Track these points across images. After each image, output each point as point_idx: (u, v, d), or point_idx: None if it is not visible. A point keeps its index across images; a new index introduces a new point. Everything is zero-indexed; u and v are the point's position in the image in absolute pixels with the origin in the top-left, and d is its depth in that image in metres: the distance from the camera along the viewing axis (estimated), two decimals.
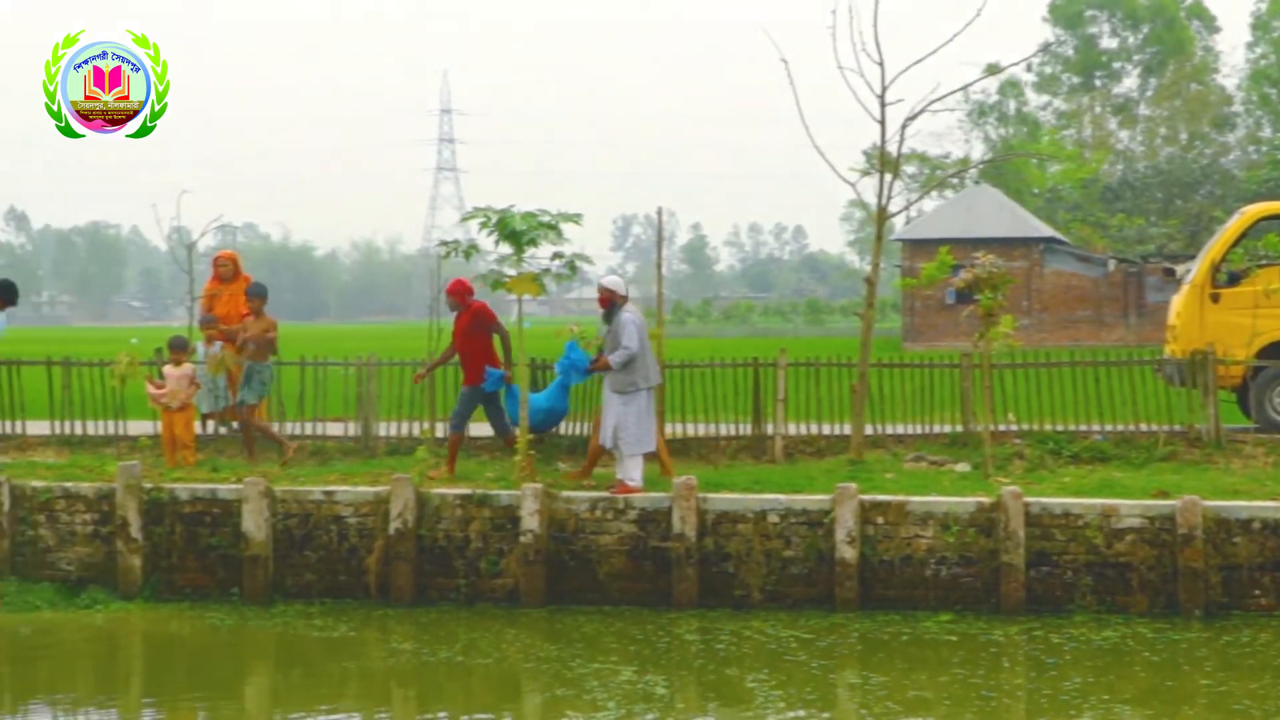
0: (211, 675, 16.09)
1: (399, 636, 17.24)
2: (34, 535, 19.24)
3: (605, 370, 19.07)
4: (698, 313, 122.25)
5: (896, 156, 22.79)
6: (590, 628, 17.48)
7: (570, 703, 14.64)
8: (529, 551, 18.37)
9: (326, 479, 19.70)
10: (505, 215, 19.43)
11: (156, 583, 18.91)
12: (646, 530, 18.45)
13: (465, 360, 20.27)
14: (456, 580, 18.65)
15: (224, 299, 21.72)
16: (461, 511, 18.71)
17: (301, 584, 18.85)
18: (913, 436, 22.51)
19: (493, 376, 20.05)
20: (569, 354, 20.15)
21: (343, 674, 15.89)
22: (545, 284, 19.81)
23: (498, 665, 16.03)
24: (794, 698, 14.72)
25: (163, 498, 19.03)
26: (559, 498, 18.65)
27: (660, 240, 23.61)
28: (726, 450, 22.08)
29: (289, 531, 18.86)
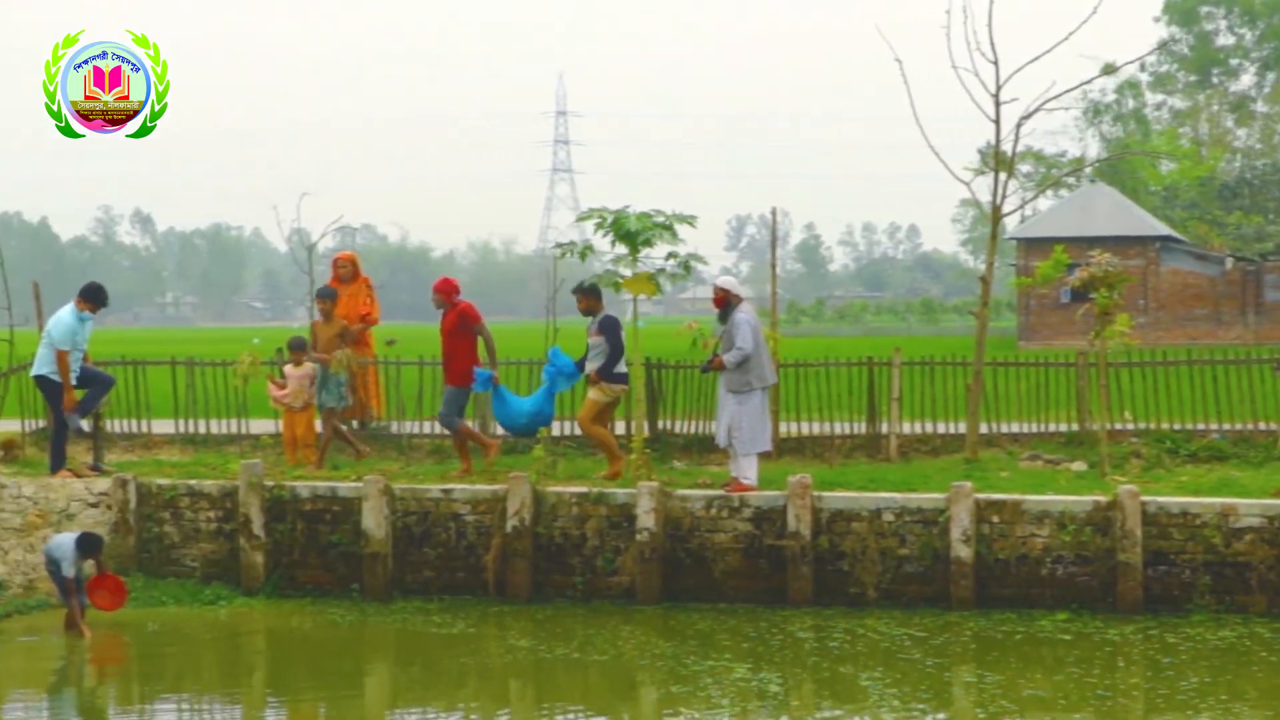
0: (332, 670, 16.22)
1: (516, 633, 17.31)
2: (159, 532, 19.50)
3: (720, 370, 19.04)
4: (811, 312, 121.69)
5: (1011, 155, 22.60)
6: (704, 625, 17.47)
7: (685, 700, 14.63)
8: (645, 549, 18.39)
9: (445, 477, 19.82)
10: (620, 216, 19.48)
11: (278, 579, 19.11)
12: (762, 528, 18.43)
13: (449, 359, 20.38)
14: (573, 578, 18.70)
15: (343, 299, 21.90)
16: (578, 510, 18.76)
17: (420, 581, 18.98)
18: (1028, 435, 22.32)
19: (481, 377, 20.16)
20: (554, 360, 20.28)
21: (461, 670, 15.97)
22: (660, 284, 19.84)
23: (614, 662, 16.05)
24: (908, 696, 14.64)
25: (284, 495, 19.23)
26: (675, 496, 18.65)
27: (774, 240, 23.56)
28: (841, 449, 22.01)
29: (408, 529, 19.00)
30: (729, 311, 19.09)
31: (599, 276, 20.11)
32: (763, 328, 19.54)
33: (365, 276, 22.41)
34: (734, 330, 18.89)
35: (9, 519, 19.11)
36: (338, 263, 22.20)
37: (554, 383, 20.25)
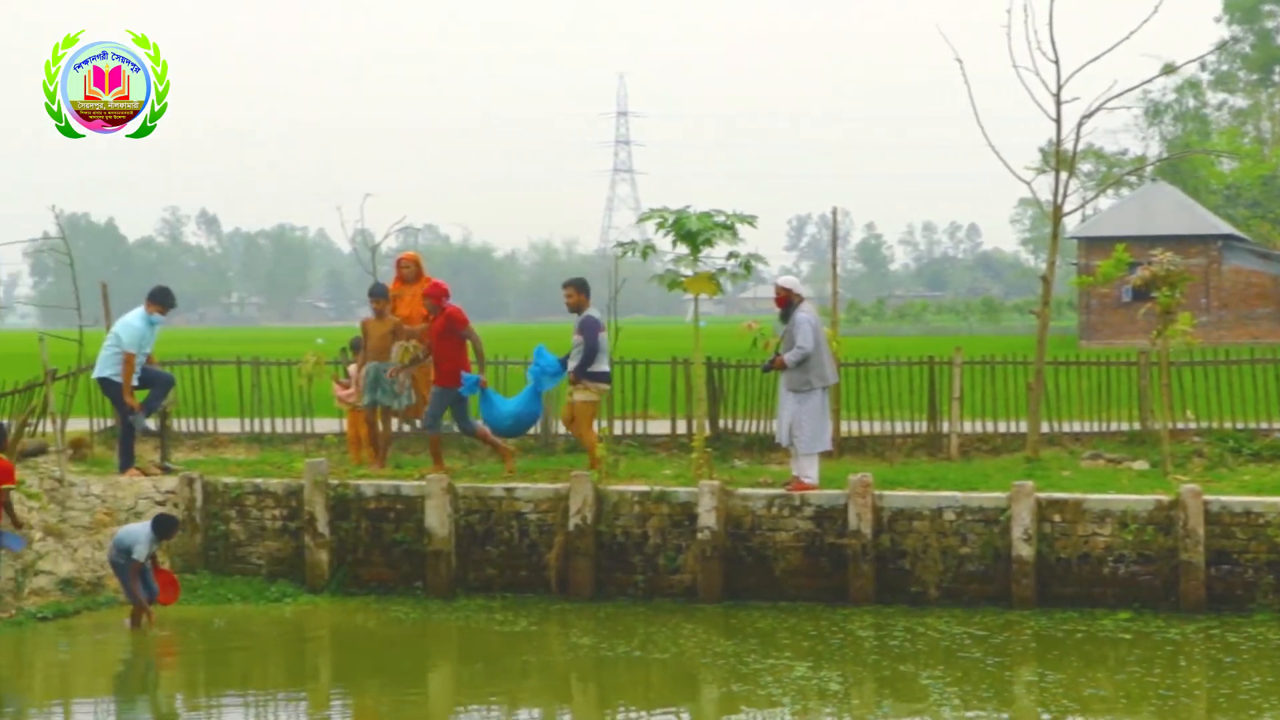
0: (396, 667, 16.28)
1: (578, 631, 17.33)
2: (225, 530, 19.62)
3: (781, 369, 19.02)
4: (872, 312, 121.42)
5: (1072, 154, 22.49)
6: (764, 623, 17.46)
7: (745, 698, 14.62)
8: (706, 548, 18.38)
9: (507, 476, 19.87)
10: (681, 216, 19.48)
11: (343, 577, 19.20)
12: (823, 527, 18.39)
13: (438, 362, 20.35)
14: (635, 576, 18.72)
15: (406, 300, 21.97)
16: (640, 508, 18.77)
17: (483, 579, 19.03)
18: (1089, 434, 22.22)
19: (468, 381, 20.08)
20: (538, 359, 20.27)
21: (523, 667, 16.00)
22: (721, 283, 19.84)
23: (675, 660, 16.05)
24: (969, 695, 14.58)
25: (349, 494, 19.31)
26: (736, 494, 18.65)
27: (834, 240, 23.56)
28: (902, 448, 21.96)
29: (471, 527, 19.05)
30: (791, 311, 19.06)
31: (659, 276, 20.11)
32: (824, 327, 19.51)
33: (429, 277, 22.48)
34: (795, 329, 18.86)
35: (78, 517, 19.26)
36: (401, 263, 22.29)
37: (539, 381, 20.27)
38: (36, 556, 18.67)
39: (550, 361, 20.08)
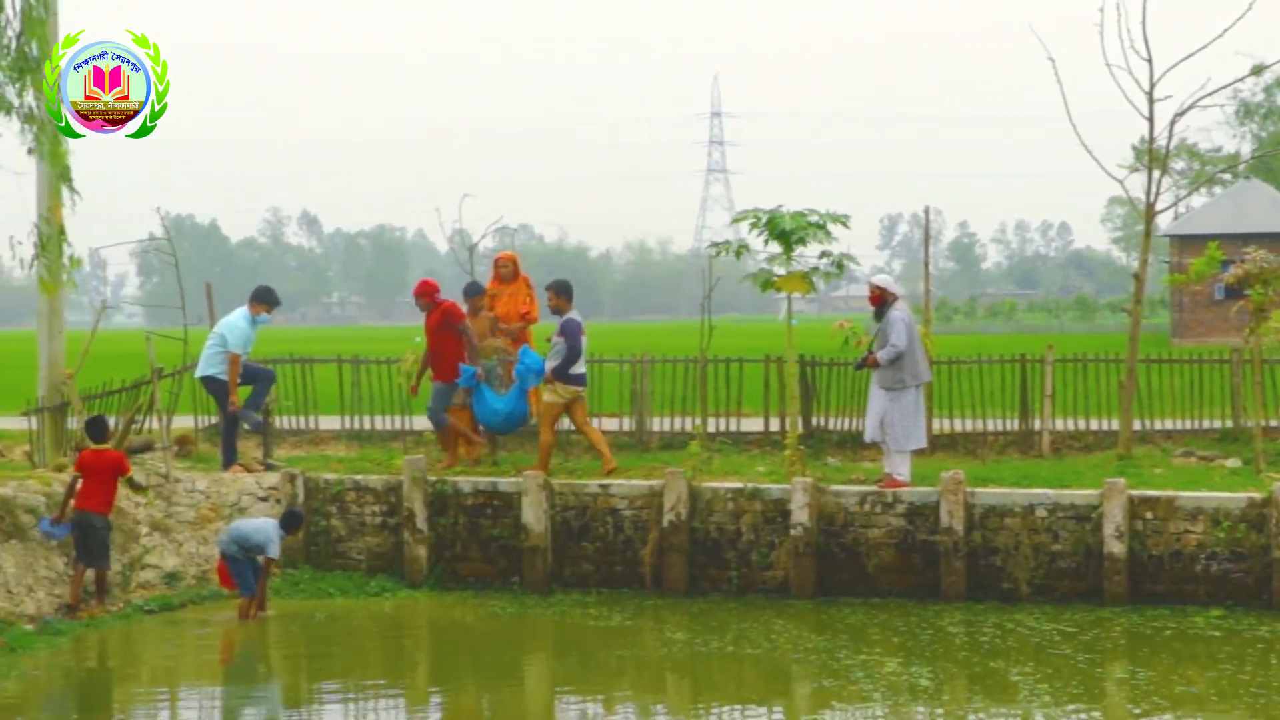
0: (493, 661, 16.36)
1: (672, 626, 17.35)
2: (326, 526, 19.79)
3: (874, 367, 18.98)
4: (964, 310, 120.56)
5: (1165, 152, 22.29)
6: (855, 619, 17.43)
7: (837, 693, 14.59)
8: (799, 544, 18.37)
9: (601, 473, 19.92)
10: (775, 215, 19.49)
11: (441, 572, 19.32)
12: (915, 524, 18.34)
13: (436, 358, 20.59)
14: (728, 572, 18.73)
15: (503, 299, 22.10)
16: (733, 505, 18.78)
17: (579, 574, 19.10)
18: (1181, 432, 22.01)
19: (466, 373, 20.27)
20: (524, 359, 20.35)
21: (618, 662, 16.04)
22: (813, 282, 19.83)
23: (767, 655, 16.04)
24: (1060, 691, 14.49)
25: (446, 490, 19.44)
26: (828, 491, 18.62)
27: (927, 238, 23.46)
28: (994, 445, 21.83)
29: (567, 523, 19.12)
30: (884, 309, 19.02)
31: (753, 275, 20.11)
32: (917, 325, 19.45)
33: (525, 276, 22.57)
34: (888, 327, 18.83)
35: (183, 513, 19.48)
36: (498, 263, 22.39)
37: (525, 380, 20.34)
38: (143, 551, 18.91)
39: (535, 360, 20.26)
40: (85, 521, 17.34)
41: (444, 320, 20.45)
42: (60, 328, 21.77)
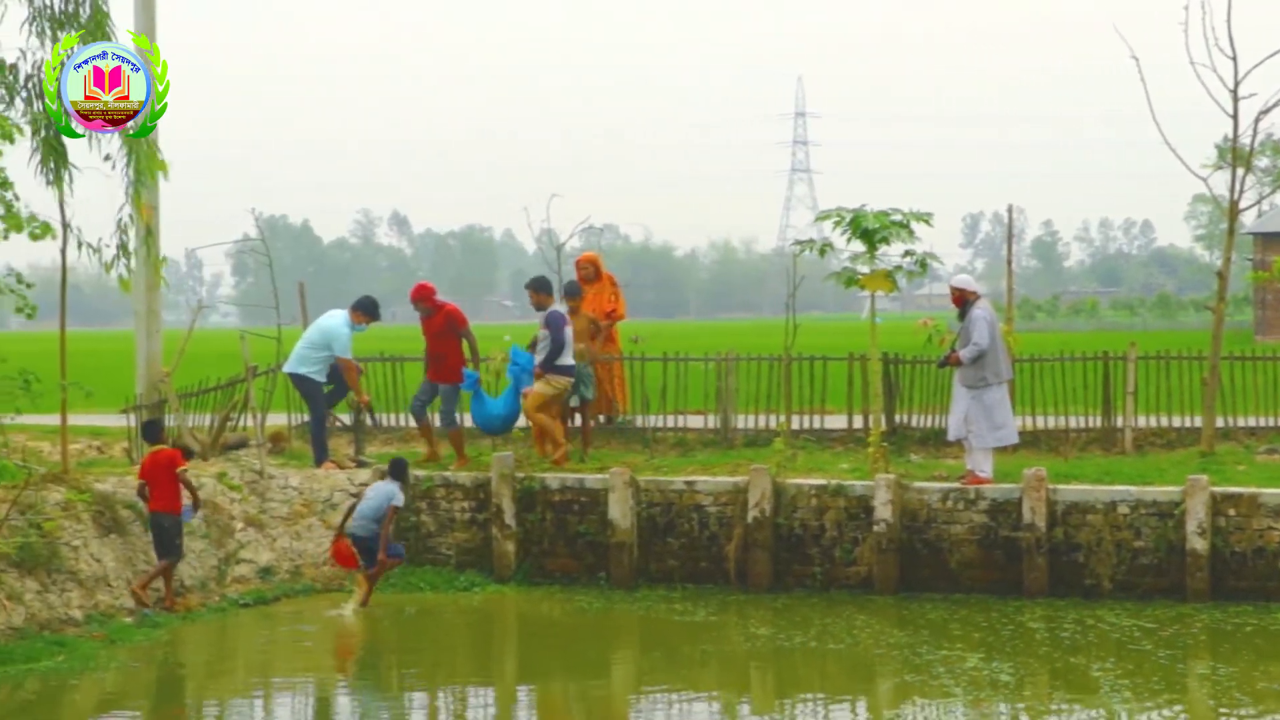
0: (580, 655, 16.40)
1: (756, 621, 17.34)
2: (417, 521, 19.90)
3: (956, 365, 18.89)
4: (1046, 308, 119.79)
5: (1249, 150, 22.05)
6: (935, 615, 17.36)
7: (919, 688, 14.53)
8: (882, 540, 18.32)
9: (687, 469, 19.94)
10: (858, 214, 19.45)
11: (529, 567, 19.39)
12: (997, 520, 18.25)
13: (437, 361, 20.61)
14: (812, 567, 18.70)
15: (588, 298, 22.20)
16: (817, 501, 18.75)
17: (664, 570, 19.12)
18: (1265, 429, 21.77)
19: (470, 378, 20.39)
20: (515, 359, 20.52)
21: (702, 657, 16.04)
22: (896, 280, 19.77)
23: (850, 651, 16.00)
24: (1141, 687, 14.37)
25: (534, 487, 19.50)
26: (911, 488, 18.56)
27: (1010, 237, 23.36)
28: (1076, 442, 21.65)
29: (652, 520, 19.15)
30: (967, 308, 18.94)
31: (836, 274, 20.06)
32: (999, 323, 19.34)
33: (609, 275, 22.61)
34: (971, 326, 18.76)
35: (277, 508, 19.64)
36: (580, 264, 22.48)
37: (518, 380, 20.46)
38: (238, 546, 19.08)
39: (528, 360, 20.41)
40: (156, 522, 17.47)
41: (448, 324, 20.55)
42: (158, 327, 22.02)
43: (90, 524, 17.53)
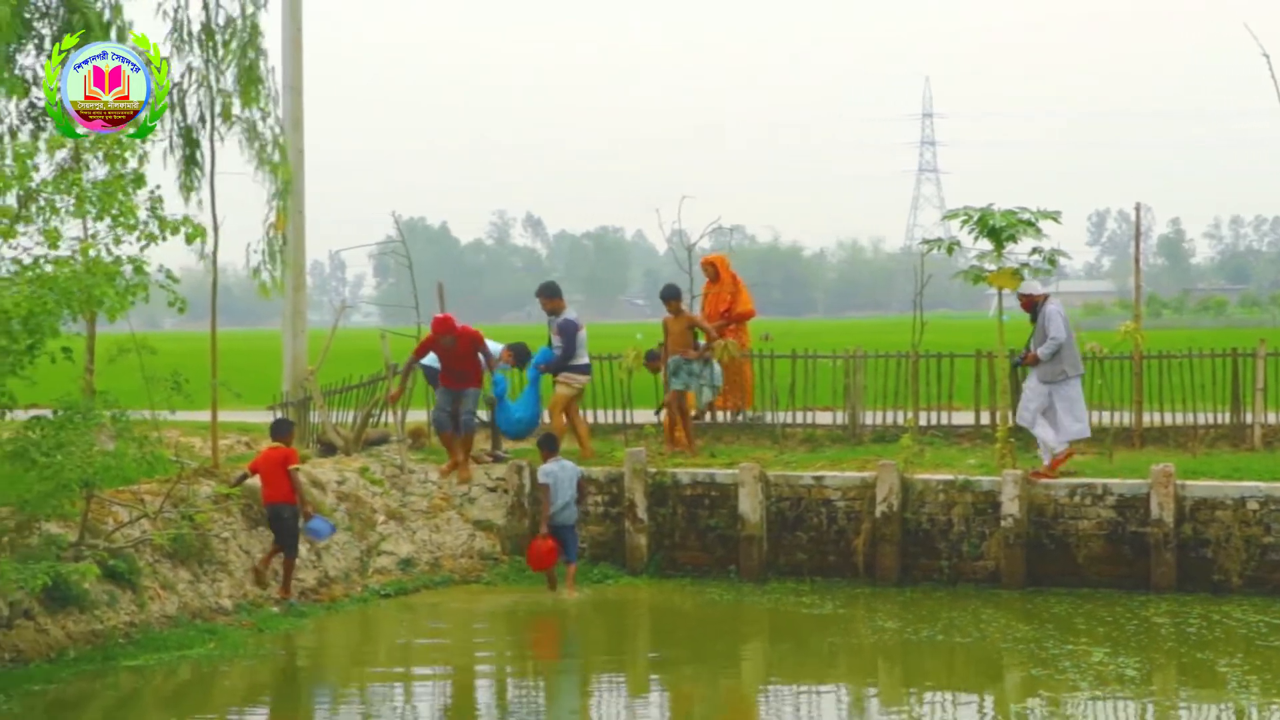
0: (710, 646, 16.39)
1: (884, 615, 17.25)
2: None
3: (1034, 364, 18.92)
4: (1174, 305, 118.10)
5: None
6: (1060, 609, 17.18)
7: (1045, 682, 14.38)
8: (1009, 535, 18.17)
9: (816, 465, 19.88)
10: (985, 213, 19.29)
11: (660, 560, 19.42)
12: (1125, 516, 18.03)
13: (464, 377, 20.17)
14: (939, 561, 18.58)
15: (709, 298, 22.34)
16: (944, 496, 18.63)
17: (793, 563, 19.08)
18: None
19: (500, 384, 20.68)
20: (536, 360, 20.90)
21: (831, 649, 15.99)
22: (1024, 278, 19.60)
23: (977, 644, 15.87)
24: (1270, 683, 14.13)
25: (666, 481, 19.54)
26: (1038, 483, 18.38)
27: (1138, 235, 23.06)
28: (1204, 438, 21.32)
29: (781, 514, 19.12)
30: (1038, 310, 19.01)
31: (964, 272, 19.91)
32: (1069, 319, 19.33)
33: (732, 274, 22.60)
34: (1046, 323, 18.82)
35: (416, 502, 19.81)
36: (702, 265, 22.55)
37: (536, 383, 20.83)
38: (380, 538, 19.28)
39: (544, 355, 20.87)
40: (274, 513, 17.63)
41: (473, 346, 20.23)
42: (303, 327, 22.32)
43: (239, 517, 17.82)
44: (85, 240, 14.74)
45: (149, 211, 14.94)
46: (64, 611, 15.11)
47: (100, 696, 14.00)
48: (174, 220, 15.07)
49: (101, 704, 13.83)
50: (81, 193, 14.69)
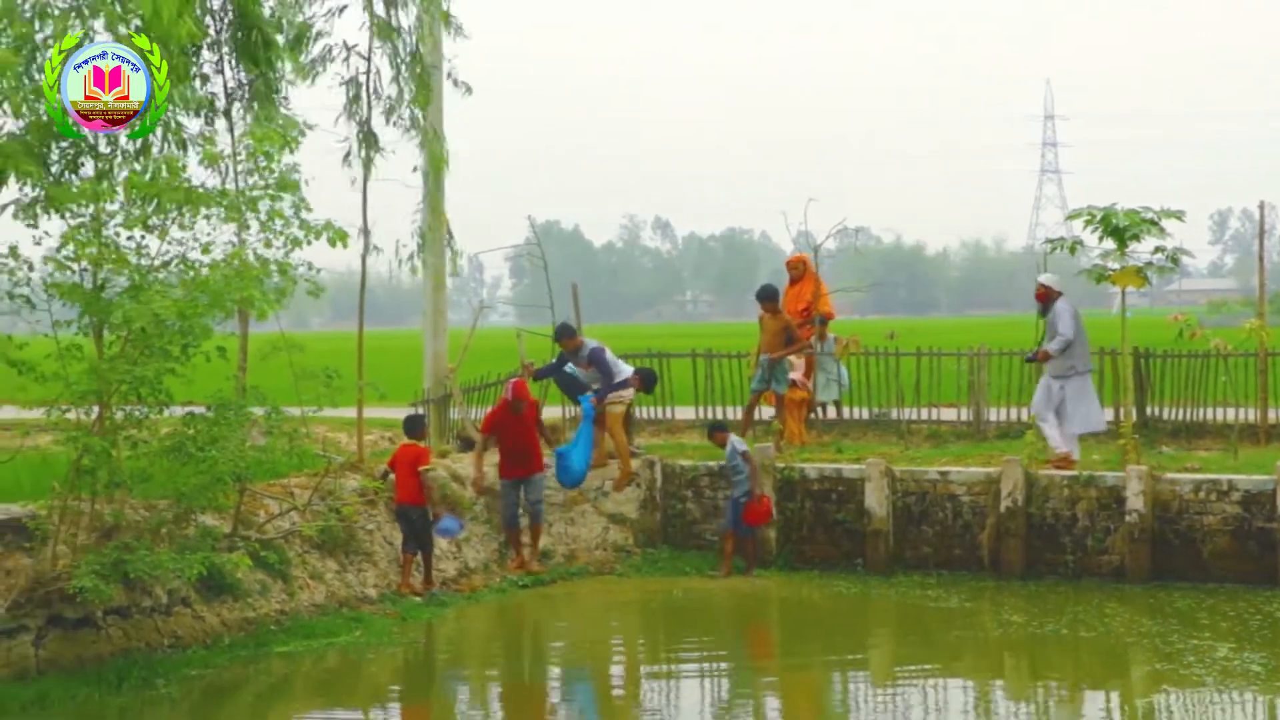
0: (838, 637, 16.33)
1: (1009, 609, 17.08)
2: (682, 509, 20.00)
3: (1045, 360, 19.06)
4: None
5: None
6: (1184, 604, 16.90)
7: (1170, 676, 14.16)
8: (1134, 530, 17.91)
9: (941, 460, 19.73)
10: (1108, 212, 19.05)
11: (789, 553, 19.35)
12: (1250, 511, 17.72)
13: (525, 455, 18.83)
14: (1064, 556, 18.37)
15: (790, 296, 22.47)
16: (1069, 491, 18.41)
17: (919, 557, 18.94)
18: None
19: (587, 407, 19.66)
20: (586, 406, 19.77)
21: (957, 642, 15.85)
22: (1147, 276, 19.35)
23: (1103, 638, 15.66)
24: None
25: (794, 476, 19.47)
26: (1163, 479, 18.12)
27: (1261, 233, 22.69)
28: None
29: (907, 508, 18.99)
30: (1049, 304, 19.15)
31: (1087, 271, 19.67)
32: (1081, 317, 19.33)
33: (815, 275, 22.51)
34: (1057, 319, 18.96)
35: (552, 495, 19.87)
36: (790, 264, 22.45)
37: (589, 430, 19.72)
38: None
39: (588, 408, 19.76)
40: (402, 513, 17.68)
41: (538, 417, 19.42)
42: (443, 326, 22.48)
43: (384, 509, 17.98)
44: (237, 246, 14.92)
45: (294, 213, 15.11)
46: (219, 599, 15.36)
47: (253, 681, 14.21)
48: (317, 225, 15.21)
49: (254, 688, 14.04)
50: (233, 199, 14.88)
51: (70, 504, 13.96)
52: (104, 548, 13.83)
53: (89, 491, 14.01)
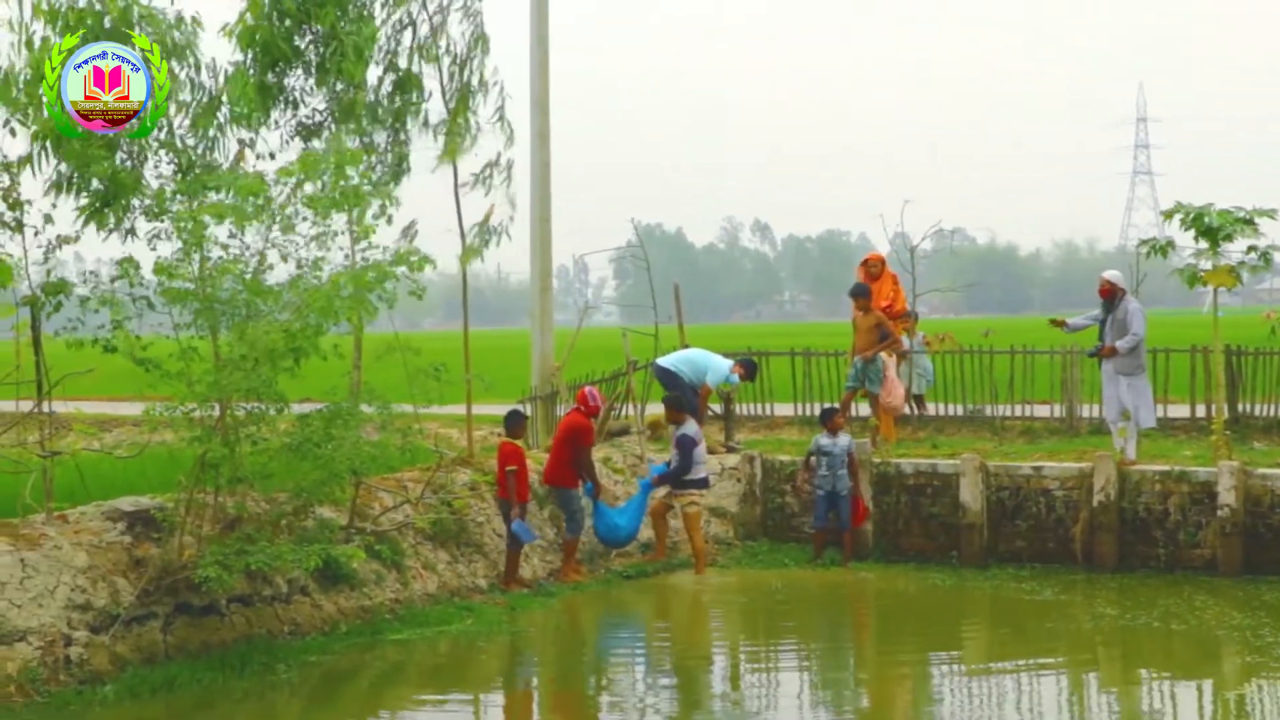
0: (933, 628, 16.22)
1: (1102, 601, 16.87)
2: (781, 503, 19.95)
3: (1111, 356, 18.68)
4: None
5: None
6: (1274, 597, 16.64)
7: (1261, 669, 13.94)
8: (1226, 524, 17.64)
9: (1034, 455, 19.54)
10: (1202, 211, 18.79)
11: (885, 546, 19.25)
12: None
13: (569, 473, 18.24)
14: (1156, 550, 18.12)
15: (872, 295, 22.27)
16: (1160, 486, 18.17)
17: (1012, 550, 18.77)
18: None
19: (588, 490, 18.37)
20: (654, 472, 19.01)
21: (1050, 633, 15.67)
22: (1239, 275, 19.05)
23: (1194, 631, 15.43)
24: None
25: (890, 471, 19.36)
26: (1255, 475, 17.83)
27: None
28: None
29: (1001, 503, 18.82)
30: (1116, 301, 18.84)
31: (1180, 270, 19.40)
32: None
33: (892, 274, 22.31)
34: (1130, 318, 18.61)
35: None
36: (867, 262, 22.28)
37: (645, 494, 18.90)
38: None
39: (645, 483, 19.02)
40: (502, 508, 17.68)
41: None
42: (550, 326, 22.56)
43: (493, 502, 18.05)
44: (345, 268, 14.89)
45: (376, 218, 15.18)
46: (336, 589, 15.49)
47: (369, 667, 14.31)
48: (402, 252, 15.01)
49: (370, 674, 14.14)
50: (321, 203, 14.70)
51: (195, 497, 14.13)
52: (227, 539, 13.99)
53: (213, 486, 14.18)
